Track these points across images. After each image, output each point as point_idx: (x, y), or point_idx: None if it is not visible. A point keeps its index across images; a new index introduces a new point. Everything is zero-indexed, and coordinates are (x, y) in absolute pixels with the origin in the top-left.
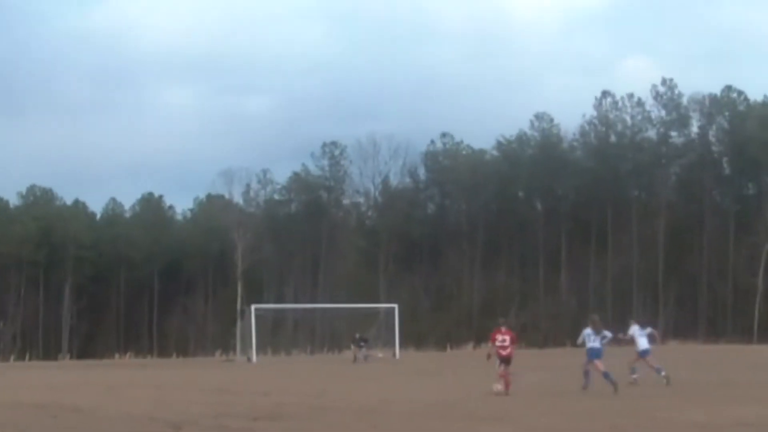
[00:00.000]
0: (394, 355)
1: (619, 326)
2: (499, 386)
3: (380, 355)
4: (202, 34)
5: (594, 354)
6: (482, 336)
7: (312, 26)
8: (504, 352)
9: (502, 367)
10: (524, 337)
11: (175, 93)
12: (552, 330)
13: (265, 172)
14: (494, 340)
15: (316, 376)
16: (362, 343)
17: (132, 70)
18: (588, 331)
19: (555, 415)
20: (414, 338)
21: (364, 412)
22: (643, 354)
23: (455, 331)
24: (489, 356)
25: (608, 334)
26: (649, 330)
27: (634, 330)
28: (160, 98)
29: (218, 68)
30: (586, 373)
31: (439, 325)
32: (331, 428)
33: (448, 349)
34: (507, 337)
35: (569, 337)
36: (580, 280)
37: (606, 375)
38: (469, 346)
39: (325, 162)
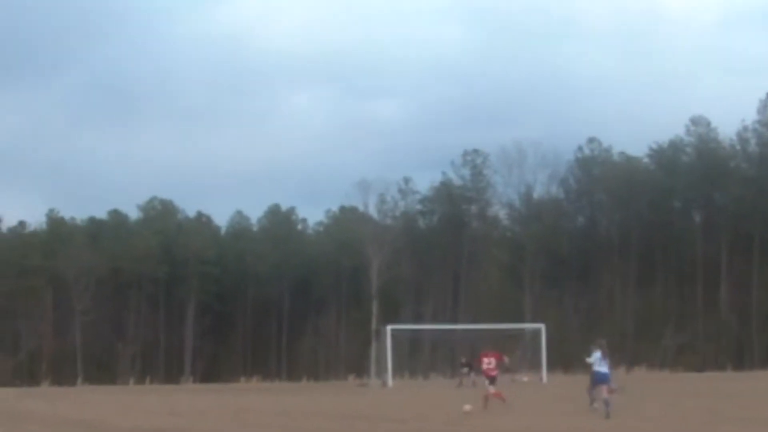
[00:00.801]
0: (540, 378)
1: None
2: (468, 407)
3: (525, 378)
4: (332, 35)
5: (601, 378)
6: (637, 359)
7: (448, 26)
8: (492, 373)
9: (491, 387)
10: (681, 360)
11: (304, 98)
12: (711, 352)
13: (406, 180)
14: (482, 362)
15: (455, 401)
16: (466, 369)
17: (257, 74)
18: (598, 354)
19: None
20: (562, 361)
21: None
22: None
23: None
24: (460, 383)
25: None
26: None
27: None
28: (288, 103)
29: (349, 71)
30: (605, 401)
31: (590, 346)
32: None
33: None
34: (493, 359)
35: (731, 360)
36: (742, 297)
37: (607, 402)
38: (622, 370)
39: (467, 171)
